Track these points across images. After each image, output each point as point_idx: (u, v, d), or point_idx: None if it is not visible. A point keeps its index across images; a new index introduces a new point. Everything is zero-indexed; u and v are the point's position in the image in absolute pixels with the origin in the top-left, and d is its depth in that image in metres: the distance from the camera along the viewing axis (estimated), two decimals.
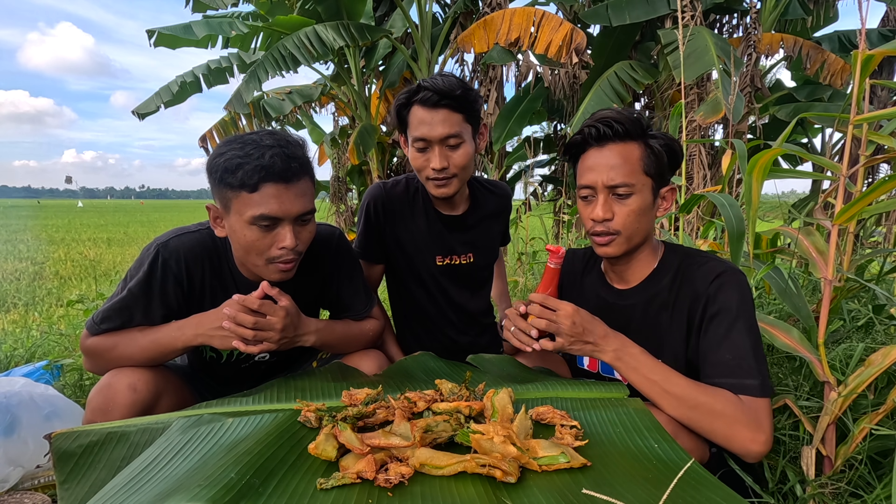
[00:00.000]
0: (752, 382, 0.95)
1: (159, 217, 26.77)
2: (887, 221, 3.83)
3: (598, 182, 1.07)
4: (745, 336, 0.99)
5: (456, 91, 1.33)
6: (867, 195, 1.08)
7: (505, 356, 1.36)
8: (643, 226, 1.09)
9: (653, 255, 1.16)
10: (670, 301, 1.10)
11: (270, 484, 0.72)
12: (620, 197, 1.06)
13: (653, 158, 1.06)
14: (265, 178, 1.05)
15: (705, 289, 1.05)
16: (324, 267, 1.34)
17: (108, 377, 1.10)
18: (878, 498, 1.03)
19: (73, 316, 3.55)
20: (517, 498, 0.71)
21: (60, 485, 0.85)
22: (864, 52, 1.10)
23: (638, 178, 1.06)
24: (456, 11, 5.79)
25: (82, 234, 13.93)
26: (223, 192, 1.09)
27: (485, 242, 1.66)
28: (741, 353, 0.98)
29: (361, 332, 1.38)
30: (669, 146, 1.09)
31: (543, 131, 8.06)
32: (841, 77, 4.99)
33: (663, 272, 1.13)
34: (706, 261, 1.09)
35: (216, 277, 1.23)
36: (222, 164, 1.06)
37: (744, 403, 0.94)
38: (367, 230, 1.56)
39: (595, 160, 1.08)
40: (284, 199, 1.08)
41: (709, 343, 1.02)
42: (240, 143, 1.08)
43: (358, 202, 7.43)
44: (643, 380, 0.99)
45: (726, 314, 1.01)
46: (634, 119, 1.07)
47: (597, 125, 1.08)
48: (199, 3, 6.37)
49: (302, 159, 1.12)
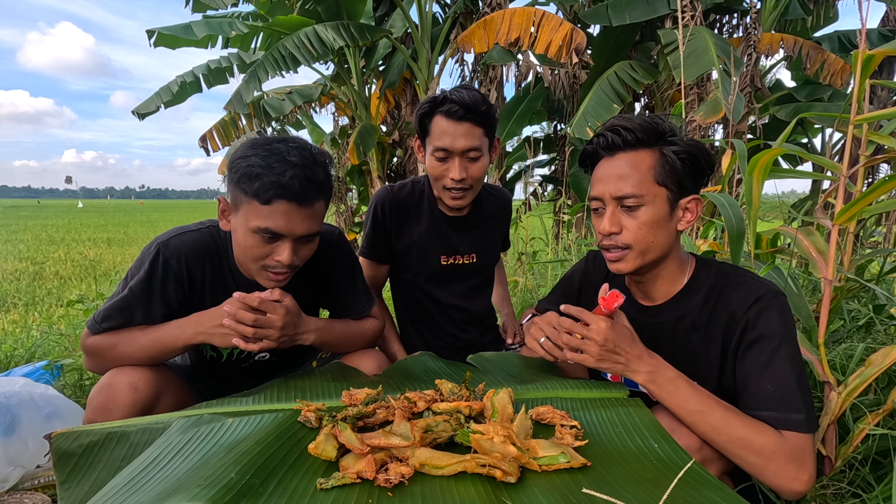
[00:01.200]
0: (798, 417, 0.88)
1: (159, 217, 26.77)
2: (887, 221, 3.83)
3: (606, 193, 1.01)
4: (788, 365, 0.92)
5: (481, 107, 1.40)
6: (867, 195, 1.08)
7: (505, 354, 1.36)
8: (659, 240, 1.01)
9: (680, 271, 1.08)
10: (702, 322, 1.03)
11: (270, 484, 0.71)
12: (630, 209, 1.00)
13: (667, 167, 0.99)
14: (280, 196, 1.05)
15: (744, 312, 0.97)
16: (323, 266, 1.34)
17: (109, 376, 1.10)
18: (878, 498, 1.03)
19: (73, 316, 3.55)
20: (517, 498, 0.70)
21: (60, 485, 0.85)
22: (865, 52, 1.10)
23: (648, 189, 0.98)
24: (456, 11, 5.79)
25: (82, 234, 13.92)
26: (237, 192, 1.09)
27: (487, 243, 1.70)
28: (785, 384, 0.90)
29: (361, 332, 1.38)
30: (690, 153, 1.00)
31: (543, 131, 8.07)
32: (841, 77, 4.99)
33: (694, 290, 1.06)
34: (744, 280, 1.01)
35: (216, 276, 1.23)
36: (243, 167, 1.06)
37: (786, 440, 0.87)
38: (374, 231, 1.60)
39: (604, 170, 1.03)
40: (293, 218, 1.08)
41: (749, 372, 0.94)
42: (266, 150, 1.07)
43: (358, 202, 7.44)
44: (678, 405, 0.93)
45: (768, 341, 0.93)
46: (648, 125, 1.00)
47: (605, 134, 1.02)
48: (199, 3, 6.36)
49: (322, 183, 1.11)
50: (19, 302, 4.66)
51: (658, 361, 0.97)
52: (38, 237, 12.82)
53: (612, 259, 1.04)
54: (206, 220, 1.27)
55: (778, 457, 0.85)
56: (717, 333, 1.01)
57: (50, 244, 10.89)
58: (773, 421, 0.89)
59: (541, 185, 7.23)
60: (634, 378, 0.97)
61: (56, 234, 13.81)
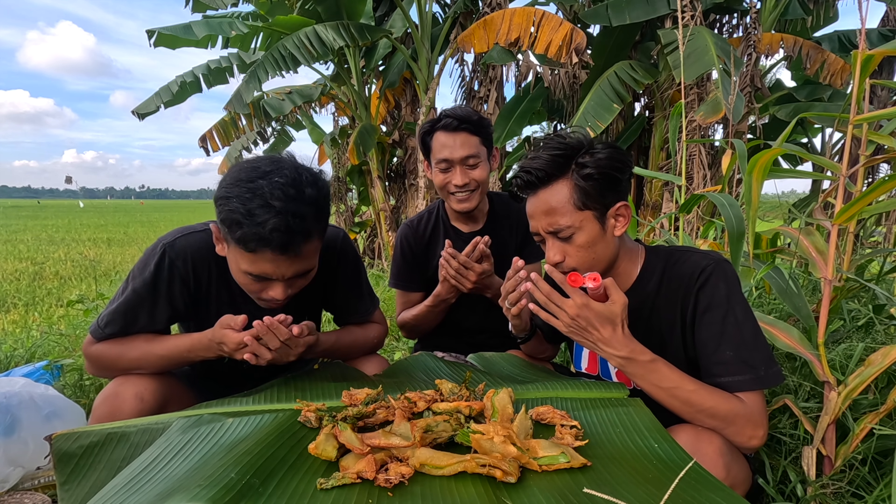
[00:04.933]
0: (755, 375, 0.95)
1: (159, 217, 26.77)
2: (887, 221, 3.83)
3: (540, 229, 1.07)
4: (740, 327, 0.98)
5: (473, 117, 1.56)
6: (867, 195, 1.08)
7: (505, 354, 1.37)
8: (601, 254, 1.06)
9: (632, 262, 1.14)
10: (660, 304, 1.09)
11: (270, 484, 0.72)
12: (565, 239, 1.05)
13: (584, 192, 1.02)
14: (263, 247, 0.99)
15: (692, 286, 1.03)
16: (327, 269, 1.34)
17: (115, 386, 1.09)
18: (878, 498, 1.03)
19: (73, 316, 3.55)
20: (517, 498, 0.70)
21: (61, 486, 0.85)
22: (864, 51, 1.10)
23: (573, 217, 1.03)
24: (456, 11, 5.79)
25: (82, 235, 13.93)
26: (224, 231, 1.04)
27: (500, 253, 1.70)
28: (742, 346, 0.97)
29: (367, 341, 1.38)
30: (601, 171, 1.02)
31: (543, 131, 8.08)
32: (841, 77, 4.99)
33: (647, 277, 1.12)
34: (688, 256, 1.08)
35: (221, 278, 1.21)
36: (225, 211, 1.00)
37: (745, 404, 0.94)
38: (403, 264, 1.75)
39: (531, 208, 1.08)
40: (280, 265, 1.04)
41: (705, 340, 1.01)
42: (248, 191, 0.99)
43: (358, 202, 7.45)
44: (651, 385, 0.98)
45: (718, 308, 1.00)
46: (554, 157, 1.03)
47: (520, 175, 1.08)
48: (199, 3, 6.36)
49: (309, 227, 1.03)
50: (19, 302, 4.66)
51: (635, 347, 0.99)
52: (38, 237, 12.83)
53: None
54: (209, 220, 1.25)
55: (738, 419, 0.93)
56: (675, 311, 1.07)
57: (50, 244, 10.90)
58: (734, 385, 0.96)
59: None
60: (607, 358, 1.01)
61: (56, 235, 13.81)
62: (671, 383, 0.96)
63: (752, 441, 0.94)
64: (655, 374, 0.97)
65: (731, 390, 0.96)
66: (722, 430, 0.93)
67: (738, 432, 0.93)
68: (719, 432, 0.93)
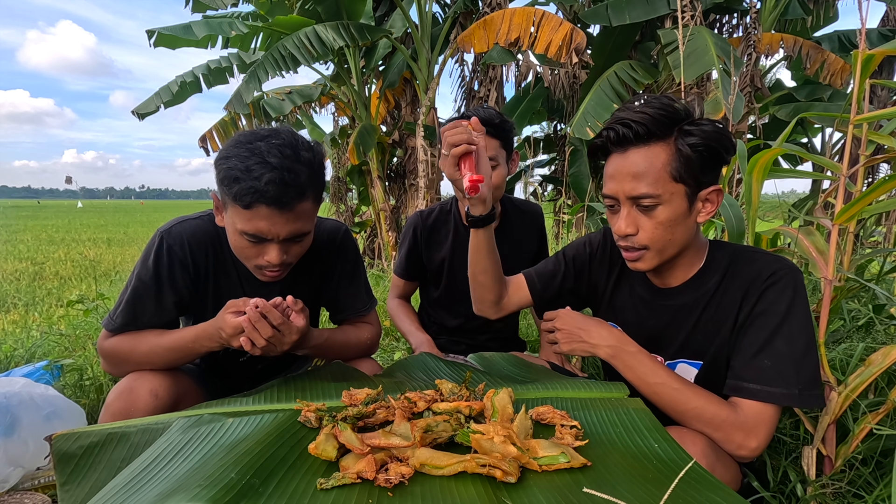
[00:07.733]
0: (777, 391, 0.90)
1: (159, 217, 26.76)
2: (887, 221, 3.83)
3: (620, 193, 0.96)
4: (791, 341, 0.92)
5: (495, 120, 1.53)
6: (867, 195, 1.08)
7: (505, 354, 1.37)
8: (678, 237, 0.97)
9: (697, 255, 1.05)
10: (718, 302, 1.02)
11: (270, 484, 0.71)
12: (646, 209, 0.95)
13: (684, 161, 0.92)
14: (258, 201, 1.02)
15: (760, 284, 0.96)
16: (326, 263, 1.34)
17: (129, 381, 1.10)
18: (878, 498, 1.03)
19: (73, 316, 3.55)
20: (517, 498, 0.70)
21: (61, 486, 0.85)
22: (865, 51, 1.10)
23: (665, 187, 0.93)
24: (456, 11, 5.79)
25: (82, 235, 13.93)
26: (222, 192, 1.09)
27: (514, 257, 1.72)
28: (785, 358, 0.91)
29: (359, 342, 1.37)
30: (708, 145, 0.93)
31: (543, 131, 8.07)
32: (841, 77, 4.99)
33: (710, 273, 1.04)
34: (760, 255, 1.00)
35: (218, 263, 1.24)
36: (224, 169, 1.05)
37: (738, 411, 0.91)
38: (408, 253, 1.80)
39: (616, 167, 0.97)
40: (275, 222, 1.06)
41: (749, 343, 0.95)
42: (247, 150, 1.04)
43: (358, 202, 7.45)
44: (638, 378, 0.98)
45: (774, 315, 0.93)
46: (661, 116, 0.93)
47: (615, 127, 0.96)
48: (199, 3, 6.36)
49: (303, 184, 1.06)
50: (19, 302, 4.66)
51: (620, 336, 1.00)
52: (38, 237, 12.82)
53: (630, 259, 1.03)
54: (205, 210, 1.28)
55: (725, 426, 0.90)
56: (734, 308, 0.99)
57: (50, 244, 10.90)
58: (761, 394, 0.91)
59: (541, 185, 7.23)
60: (597, 354, 1.01)
61: (56, 235, 13.81)
62: (657, 378, 0.95)
63: (741, 451, 0.90)
64: (642, 366, 0.97)
65: (756, 398, 0.91)
66: (710, 434, 0.91)
67: (726, 439, 0.90)
68: (710, 437, 0.91)
